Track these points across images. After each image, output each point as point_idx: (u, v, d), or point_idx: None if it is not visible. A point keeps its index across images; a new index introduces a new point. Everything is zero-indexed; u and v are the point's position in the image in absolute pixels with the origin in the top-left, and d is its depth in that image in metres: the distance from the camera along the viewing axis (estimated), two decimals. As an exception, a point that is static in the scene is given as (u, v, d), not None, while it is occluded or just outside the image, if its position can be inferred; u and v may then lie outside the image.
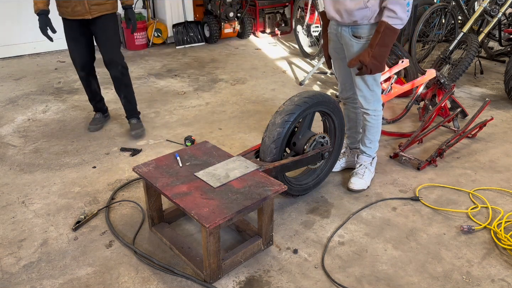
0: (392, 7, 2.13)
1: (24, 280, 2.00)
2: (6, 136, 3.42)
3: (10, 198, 2.62)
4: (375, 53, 2.25)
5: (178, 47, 5.99)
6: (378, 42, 2.22)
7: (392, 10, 2.14)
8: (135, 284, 1.98)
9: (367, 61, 2.27)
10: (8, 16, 5.34)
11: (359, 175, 2.69)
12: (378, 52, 2.25)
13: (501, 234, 2.24)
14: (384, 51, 2.25)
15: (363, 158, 2.73)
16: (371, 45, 2.25)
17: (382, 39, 2.21)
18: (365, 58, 2.27)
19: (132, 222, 2.40)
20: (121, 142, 3.32)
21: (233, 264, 2.05)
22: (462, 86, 4.42)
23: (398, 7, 2.13)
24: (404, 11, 2.14)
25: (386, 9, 2.17)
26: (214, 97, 4.24)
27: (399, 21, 2.17)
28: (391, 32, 2.19)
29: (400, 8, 2.13)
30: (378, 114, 2.60)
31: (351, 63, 2.35)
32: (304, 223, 2.40)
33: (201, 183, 2.07)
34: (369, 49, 2.26)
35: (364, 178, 2.69)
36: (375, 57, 2.26)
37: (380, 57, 2.27)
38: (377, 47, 2.23)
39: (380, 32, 2.20)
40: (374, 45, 2.23)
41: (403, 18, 2.16)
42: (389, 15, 2.16)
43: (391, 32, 2.19)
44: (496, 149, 3.18)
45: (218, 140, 3.35)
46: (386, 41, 2.23)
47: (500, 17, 4.31)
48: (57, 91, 4.38)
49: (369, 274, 2.04)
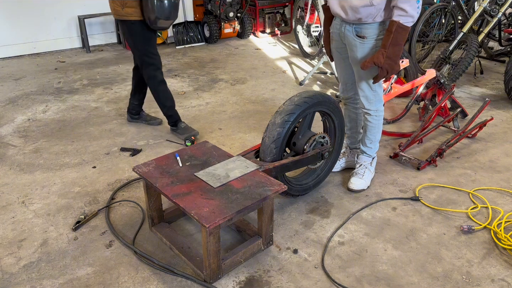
0: (402, 6, 2.12)
1: (24, 280, 2.00)
2: (6, 136, 3.42)
3: (10, 198, 2.62)
4: (389, 53, 2.23)
5: (178, 47, 5.99)
6: (391, 42, 2.20)
7: (403, 9, 2.13)
8: (135, 284, 1.98)
9: (382, 62, 2.24)
10: (8, 16, 5.34)
11: (359, 175, 2.69)
12: (392, 52, 2.23)
13: (501, 234, 2.24)
14: (397, 50, 2.24)
15: (363, 158, 2.73)
16: (384, 45, 2.23)
17: (395, 38, 2.19)
18: (380, 59, 2.24)
19: (132, 222, 2.40)
20: (121, 142, 3.32)
21: (233, 264, 2.05)
22: (462, 86, 4.42)
23: (407, 5, 2.12)
24: (415, 8, 2.13)
25: (396, 8, 2.16)
26: (214, 97, 4.24)
27: (411, 19, 2.16)
28: (403, 30, 2.18)
29: (410, 6, 2.12)
30: (379, 115, 2.60)
31: (365, 65, 2.30)
32: (304, 223, 2.40)
33: (201, 183, 2.07)
34: (383, 50, 2.24)
35: (364, 178, 2.69)
36: (390, 57, 2.23)
37: (394, 57, 2.25)
38: (391, 47, 2.22)
39: (392, 32, 2.19)
40: (387, 45, 2.21)
41: (414, 15, 2.15)
42: (400, 13, 2.15)
43: (402, 31, 2.19)
44: (496, 149, 3.18)
45: (218, 140, 3.35)
46: (398, 40, 2.21)
47: (500, 17, 4.31)
48: (57, 91, 4.38)
49: (369, 274, 2.04)
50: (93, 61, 5.40)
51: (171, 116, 3.38)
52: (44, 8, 5.53)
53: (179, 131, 3.37)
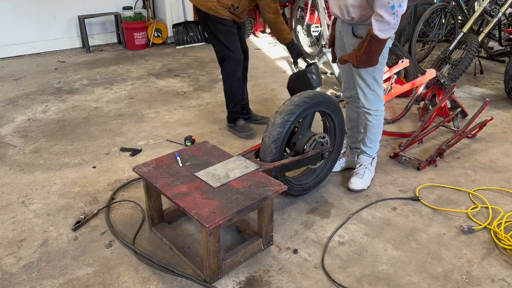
0: (379, 11, 2.09)
1: (24, 280, 2.00)
2: (6, 136, 3.42)
3: (10, 198, 2.62)
4: (362, 59, 2.25)
5: (178, 47, 5.99)
6: (365, 50, 2.21)
7: (379, 15, 2.10)
8: (135, 284, 1.98)
9: (355, 64, 2.29)
10: (8, 16, 5.34)
11: (359, 175, 2.69)
12: (365, 59, 2.25)
13: (501, 234, 2.24)
14: (369, 59, 2.24)
15: (363, 158, 2.73)
16: (358, 49, 2.25)
17: (369, 47, 2.20)
18: (353, 61, 2.28)
19: (132, 222, 2.40)
20: (121, 142, 3.32)
21: (233, 264, 2.05)
22: (462, 86, 4.42)
23: (383, 11, 2.07)
24: (390, 14, 2.06)
25: (374, 13, 2.13)
26: (214, 97, 4.24)
27: (387, 26, 2.11)
28: (377, 42, 2.17)
29: (385, 12, 2.07)
30: (379, 114, 2.60)
31: (340, 61, 2.38)
32: (304, 223, 2.40)
33: (201, 183, 2.07)
34: (358, 53, 2.26)
35: (364, 178, 2.69)
36: (363, 62, 2.26)
37: (367, 63, 2.27)
38: (364, 54, 2.23)
39: (366, 41, 2.19)
40: (361, 51, 2.23)
41: (390, 22, 2.09)
42: (377, 18, 2.12)
43: (377, 42, 2.17)
44: (496, 149, 3.18)
45: (218, 140, 3.35)
46: (372, 49, 2.21)
47: (500, 17, 4.31)
48: (57, 91, 4.38)
49: (369, 274, 2.04)
50: (93, 61, 5.40)
51: (235, 113, 3.37)
52: (44, 8, 5.53)
53: (237, 128, 3.38)
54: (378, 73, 2.45)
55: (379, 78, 2.48)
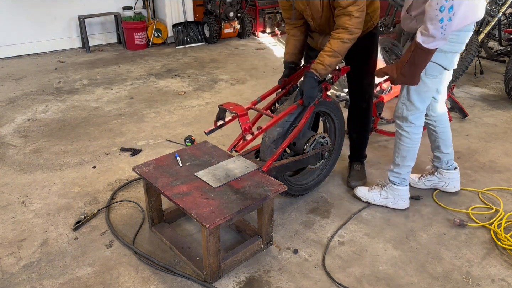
0: (426, 24, 1.92)
1: (24, 280, 2.00)
2: (6, 136, 3.42)
3: (10, 198, 2.62)
4: (404, 71, 2.08)
5: (178, 47, 5.99)
6: (409, 60, 2.05)
7: (426, 27, 1.92)
8: (135, 284, 1.98)
9: (395, 77, 2.12)
10: (7, 16, 5.34)
11: (373, 187, 2.54)
12: (407, 71, 2.08)
13: (501, 234, 2.24)
14: (414, 70, 2.07)
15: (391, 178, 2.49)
16: (402, 61, 2.09)
17: (413, 58, 2.04)
18: (393, 73, 2.12)
19: (132, 222, 2.40)
20: (121, 142, 3.32)
21: (233, 264, 2.05)
22: (462, 86, 4.42)
23: (429, 24, 1.90)
24: (438, 28, 1.87)
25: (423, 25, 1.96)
26: (214, 97, 4.24)
27: (432, 39, 1.93)
28: (422, 52, 1.99)
29: (431, 25, 1.89)
30: (411, 137, 2.34)
31: (378, 73, 2.20)
32: (304, 223, 2.40)
33: (201, 183, 2.07)
34: (400, 65, 2.10)
35: (373, 194, 2.52)
36: (404, 74, 2.09)
37: (410, 75, 2.09)
38: (407, 65, 2.06)
39: (411, 51, 2.03)
40: (405, 62, 2.07)
41: (436, 36, 1.90)
42: (422, 31, 1.95)
43: (422, 52, 1.99)
44: (496, 149, 3.18)
45: (218, 140, 3.35)
46: (416, 60, 2.04)
47: (500, 17, 4.31)
48: (57, 91, 4.38)
49: (369, 274, 2.04)
50: (93, 61, 5.40)
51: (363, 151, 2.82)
52: (44, 8, 5.53)
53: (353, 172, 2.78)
54: None
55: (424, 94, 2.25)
